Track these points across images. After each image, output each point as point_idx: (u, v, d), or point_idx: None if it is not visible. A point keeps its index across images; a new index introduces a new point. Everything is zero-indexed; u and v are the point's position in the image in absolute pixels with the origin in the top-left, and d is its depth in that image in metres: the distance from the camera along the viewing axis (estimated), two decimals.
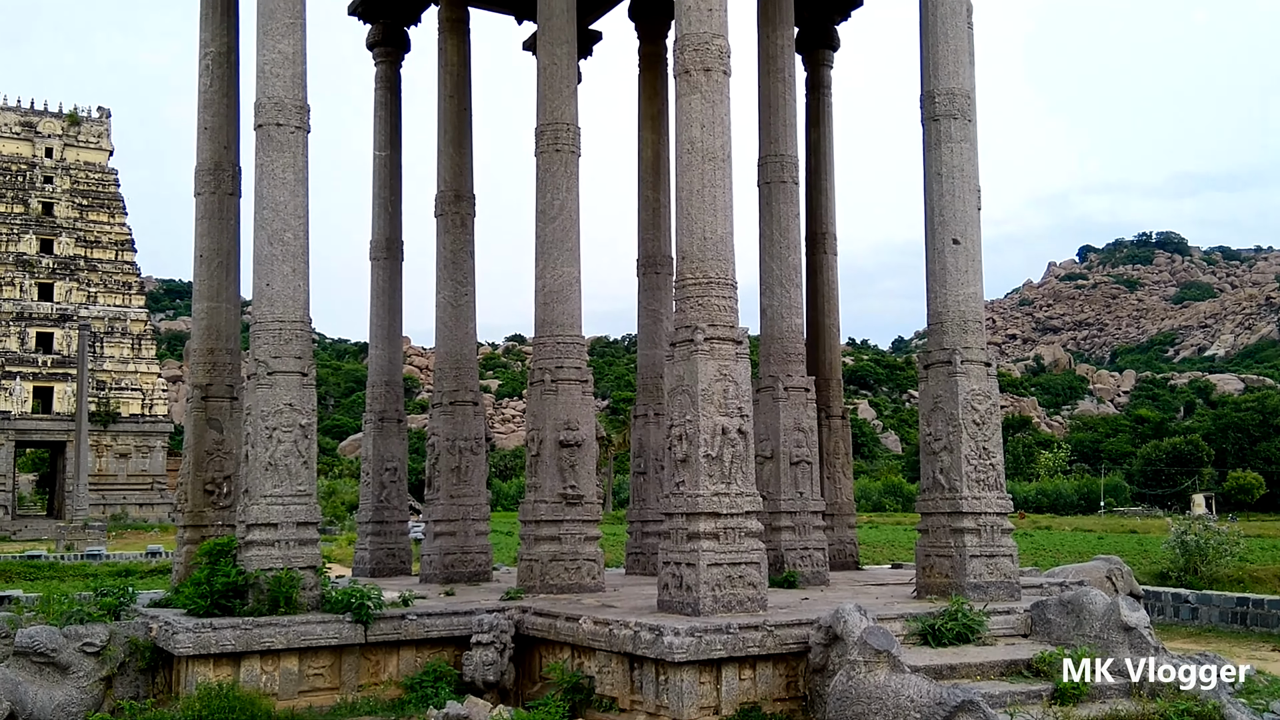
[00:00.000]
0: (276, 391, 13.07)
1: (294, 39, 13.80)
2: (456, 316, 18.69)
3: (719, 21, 12.79)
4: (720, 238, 12.54)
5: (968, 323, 14.16)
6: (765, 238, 17.33)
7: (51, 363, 67.74)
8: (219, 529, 15.11)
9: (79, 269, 69.87)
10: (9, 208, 69.47)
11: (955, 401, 13.80)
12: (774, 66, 17.47)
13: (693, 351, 12.20)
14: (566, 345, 15.41)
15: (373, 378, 20.46)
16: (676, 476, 12.25)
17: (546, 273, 15.55)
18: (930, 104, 14.61)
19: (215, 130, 16.27)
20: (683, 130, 12.78)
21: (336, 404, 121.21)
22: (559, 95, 15.80)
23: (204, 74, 16.31)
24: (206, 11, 16.39)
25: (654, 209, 20.17)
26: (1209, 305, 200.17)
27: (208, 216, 16.16)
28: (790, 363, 16.88)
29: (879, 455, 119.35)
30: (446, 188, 18.95)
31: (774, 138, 17.42)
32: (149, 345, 72.56)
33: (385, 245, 20.41)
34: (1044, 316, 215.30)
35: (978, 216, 14.81)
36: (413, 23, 21.16)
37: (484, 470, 18.74)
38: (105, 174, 73.47)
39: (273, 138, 13.56)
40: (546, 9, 15.94)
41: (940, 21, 14.59)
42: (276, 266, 13.42)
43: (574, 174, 15.81)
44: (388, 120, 20.71)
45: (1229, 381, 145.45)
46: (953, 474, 13.77)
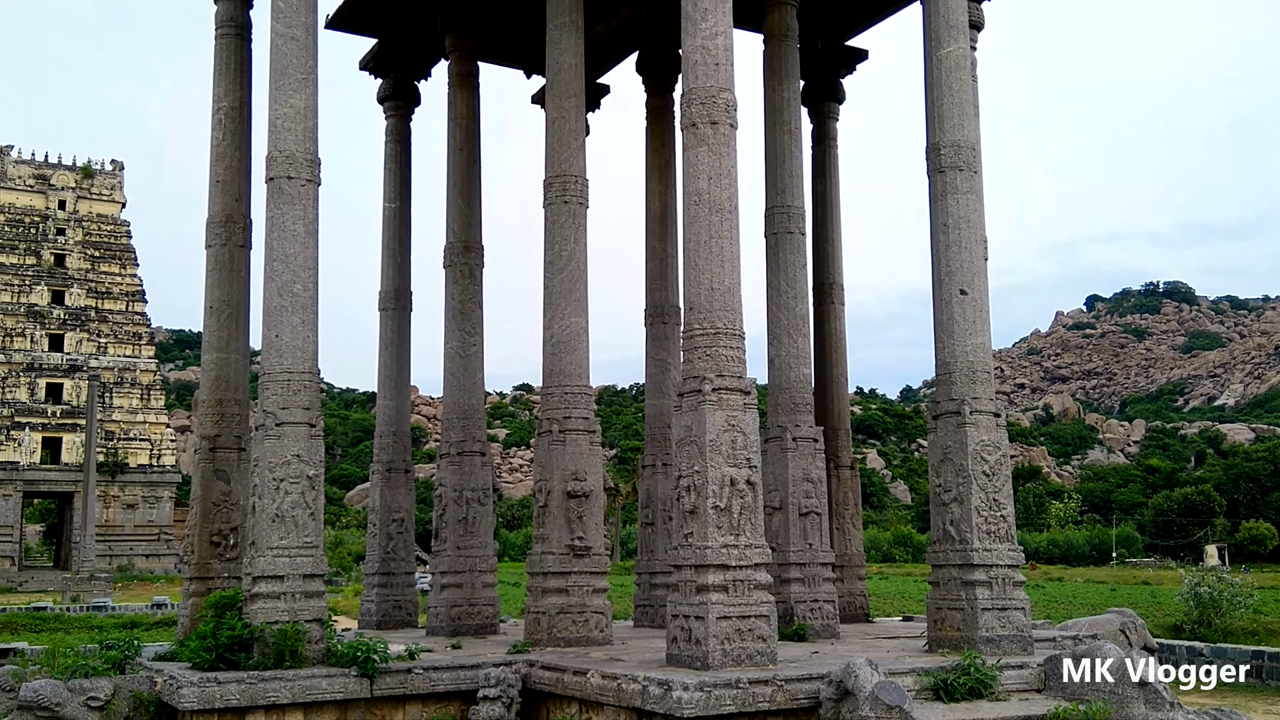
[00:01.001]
0: (284, 443, 13.06)
1: (306, 94, 13.96)
2: (464, 367, 18.72)
3: (725, 76, 12.92)
4: (727, 288, 12.58)
5: (976, 373, 14.13)
6: (772, 288, 17.37)
7: (61, 413, 67.88)
8: (225, 581, 15.03)
9: (89, 320, 70.23)
10: (21, 259, 70.00)
11: (965, 452, 13.73)
12: (780, 119, 17.61)
13: (700, 402, 12.19)
14: (574, 395, 15.41)
15: (380, 428, 20.45)
16: (685, 528, 12.19)
17: (554, 323, 15.59)
18: (936, 156, 14.70)
19: (227, 183, 16.42)
20: (690, 182, 12.87)
21: (344, 453, 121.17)
22: (567, 148, 15.93)
23: (216, 128, 16.50)
24: (220, 67, 16.60)
25: (661, 259, 20.26)
26: (1218, 354, 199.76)
27: (218, 268, 16.26)
28: (798, 413, 16.85)
29: (888, 505, 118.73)
30: (455, 239, 19.06)
31: (780, 189, 17.52)
32: (158, 395, 72.72)
33: (394, 296, 20.50)
34: (1052, 366, 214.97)
35: (984, 267, 14.84)
36: (423, 77, 21.43)
37: (491, 521, 18.66)
38: (117, 225, 74.09)
39: (284, 191, 13.68)
40: (555, 64, 16.13)
41: (945, 75, 14.72)
42: (285, 318, 13.48)
43: (582, 225, 15.90)
44: (397, 172, 20.89)
45: (1239, 431, 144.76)
46: (963, 525, 13.67)
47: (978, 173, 14.79)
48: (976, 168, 14.77)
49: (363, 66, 21.75)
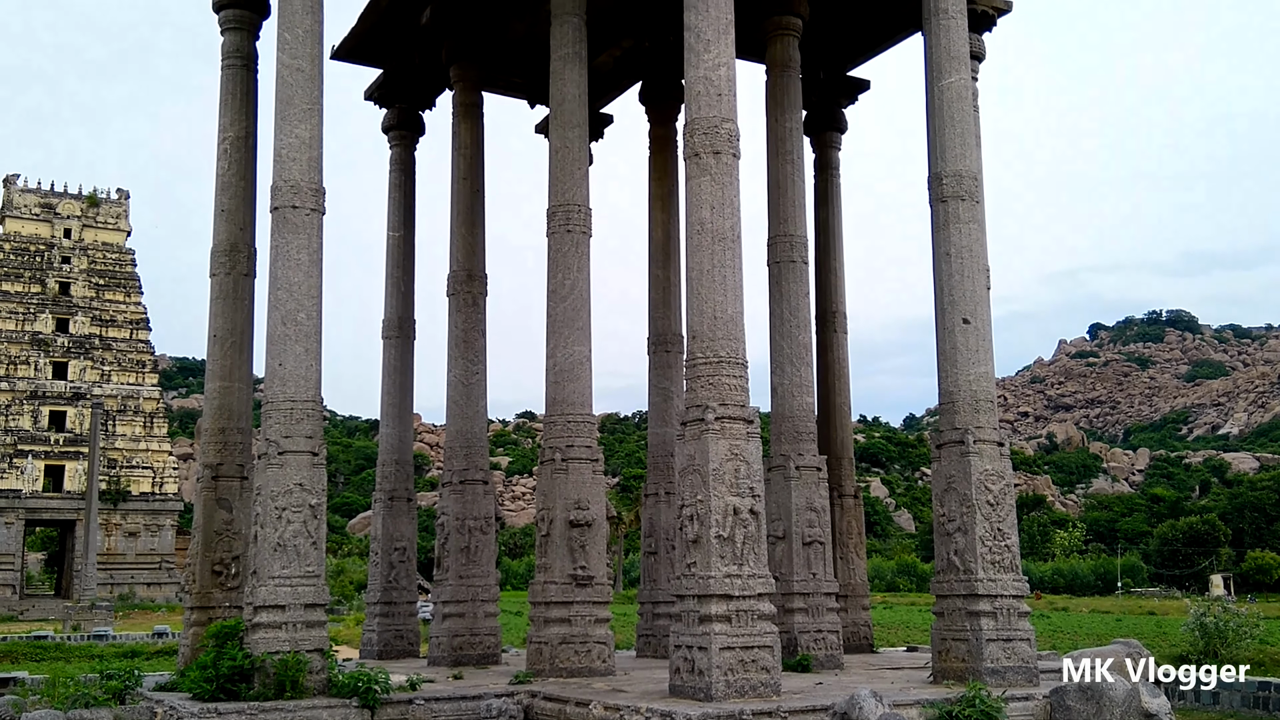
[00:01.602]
0: (287, 471, 13.05)
1: (311, 124, 14.04)
2: (467, 395, 18.72)
3: (728, 106, 12.99)
4: (730, 317, 12.60)
5: (979, 402, 14.12)
6: (775, 316, 17.40)
7: (63, 441, 67.86)
8: (226, 610, 14.98)
9: (94, 348, 70.34)
10: (26, 287, 70.22)
11: (969, 482, 13.70)
12: (782, 149, 17.68)
13: (703, 431, 12.18)
14: (577, 424, 15.40)
15: (383, 456, 20.44)
16: (688, 557, 12.15)
17: (557, 351, 15.61)
18: (938, 185, 14.75)
19: (232, 212, 16.49)
20: (693, 211, 12.92)
21: (346, 481, 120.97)
22: (570, 177, 16.00)
23: (222, 158, 16.58)
24: (226, 98, 16.71)
25: (664, 288, 20.30)
26: (1221, 383, 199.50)
27: (222, 297, 16.30)
28: (802, 441, 16.83)
29: (892, 534, 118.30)
30: (459, 268, 19.11)
31: (783, 218, 17.57)
32: (161, 423, 72.71)
33: (397, 324, 20.54)
34: (1056, 394, 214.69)
35: (987, 296, 14.86)
36: (428, 107, 21.56)
37: (493, 550, 18.61)
38: (122, 254, 74.34)
39: (288, 220, 13.73)
40: (558, 94, 16.22)
41: (946, 105, 14.80)
42: (289, 346, 13.50)
43: (585, 254, 15.95)
44: (401, 201, 20.98)
45: (1244, 460, 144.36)
46: (967, 555, 13.62)
47: (979, 202, 14.84)
48: (978, 197, 14.82)
49: (368, 97, 21.90)
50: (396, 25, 20.23)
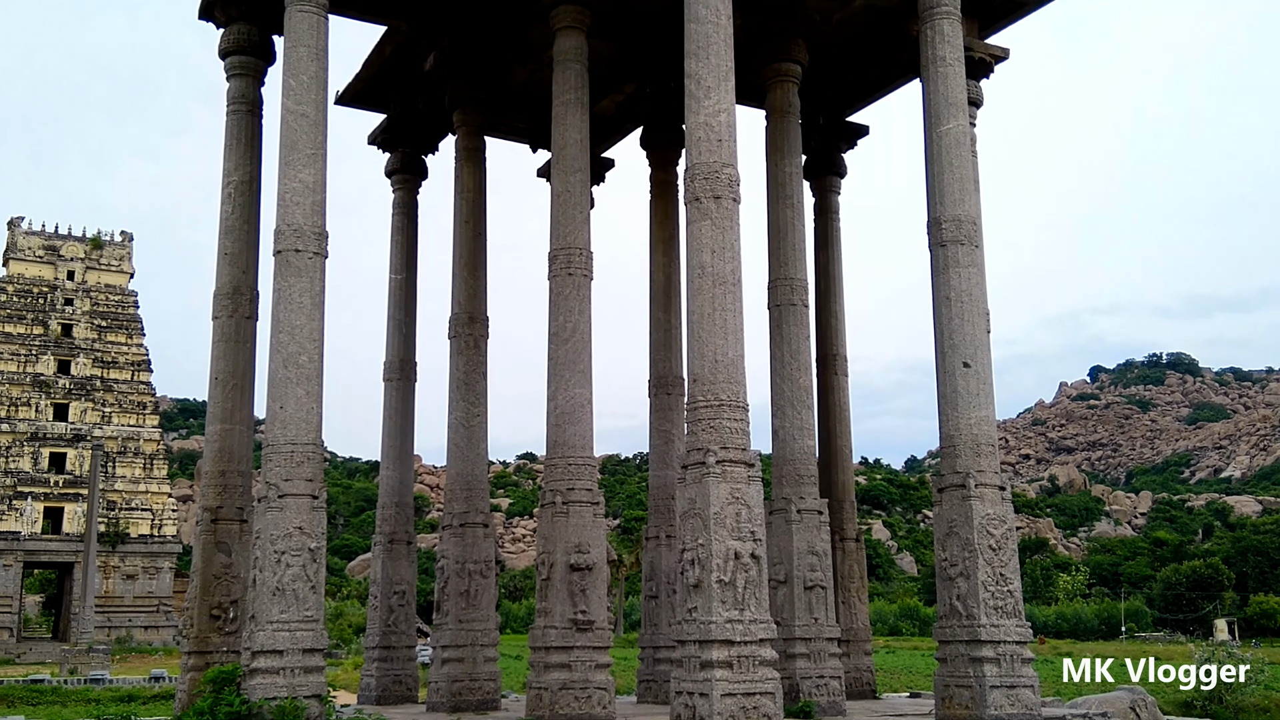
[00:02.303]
0: (286, 514, 13.02)
1: (315, 168, 14.16)
2: (468, 437, 18.71)
3: (728, 151, 13.10)
4: (731, 360, 12.62)
5: (980, 446, 14.12)
6: (776, 359, 17.42)
7: (63, 483, 67.68)
8: (224, 655, 14.88)
9: (95, 389, 70.37)
10: (29, 329, 70.37)
11: (970, 526, 13.67)
12: (783, 193, 17.80)
13: (705, 474, 12.16)
14: (578, 467, 15.37)
15: (383, 499, 20.39)
16: (689, 602, 12.09)
17: (558, 394, 15.62)
18: (937, 230, 14.84)
19: (235, 255, 16.57)
20: (694, 255, 12.98)
21: (346, 523, 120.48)
22: (572, 220, 16.09)
23: (226, 201, 16.69)
24: (231, 142, 16.85)
25: (665, 330, 20.34)
26: (1223, 426, 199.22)
27: (224, 339, 16.34)
28: (803, 484, 16.79)
29: (894, 577, 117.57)
30: (460, 310, 19.17)
31: (783, 261, 17.65)
32: (161, 465, 72.57)
33: (399, 366, 20.57)
34: (1057, 436, 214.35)
35: (987, 339, 14.90)
36: (431, 151, 21.72)
37: (493, 594, 18.51)
38: (125, 296, 74.56)
39: (291, 263, 13.81)
40: (560, 139, 16.35)
41: (945, 151, 14.92)
42: (290, 389, 13.52)
43: (586, 297, 16.00)
44: (404, 244, 21.09)
45: (1246, 504, 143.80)
46: (970, 601, 13.56)
47: (979, 247, 14.92)
48: (978, 242, 14.90)
49: (371, 141, 22.08)
50: (400, 71, 20.44)
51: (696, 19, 13.32)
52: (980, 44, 19.00)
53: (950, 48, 15.13)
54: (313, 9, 14.46)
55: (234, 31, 17.11)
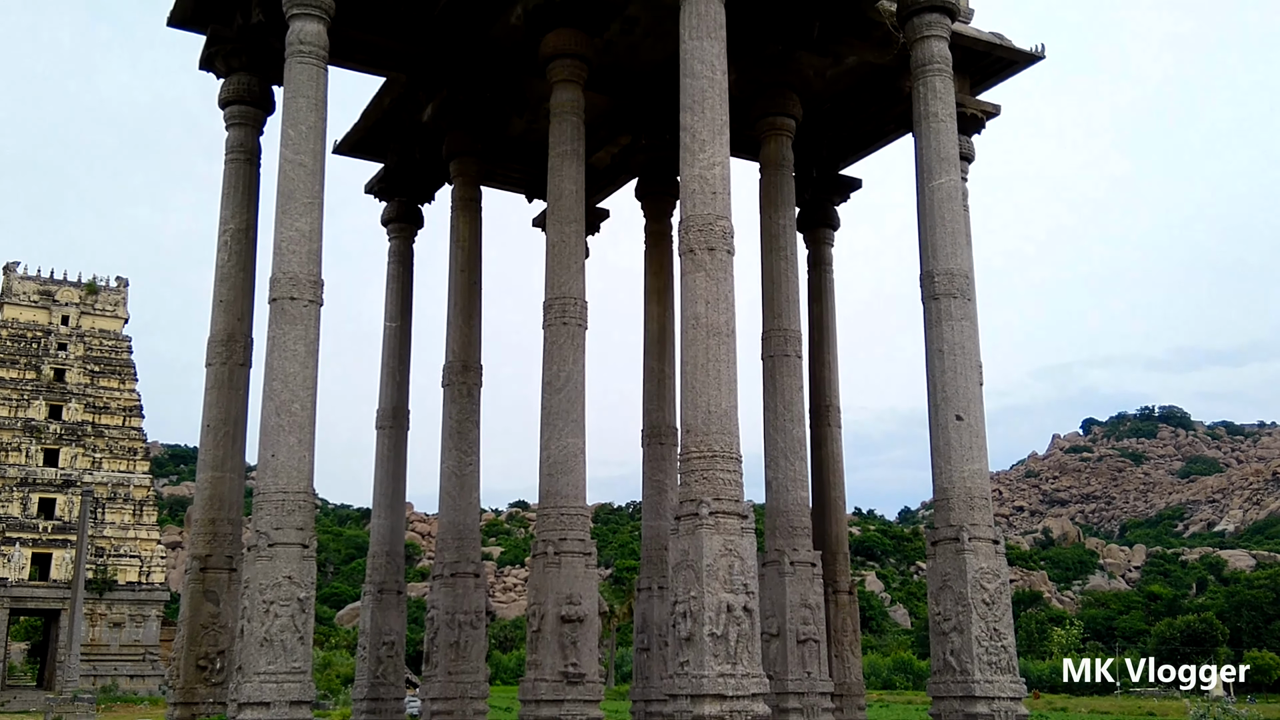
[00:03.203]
0: (276, 564, 12.94)
1: (311, 217, 14.23)
2: (460, 486, 18.64)
3: (722, 204, 13.19)
4: (724, 411, 12.62)
5: (974, 499, 14.09)
6: (769, 410, 17.42)
7: (52, 529, 67.18)
8: (210, 706, 14.72)
9: (86, 434, 70.07)
10: (21, 374, 70.19)
11: (964, 580, 13.61)
12: (776, 245, 17.90)
13: (697, 526, 12.12)
14: (570, 517, 15.30)
15: (374, 547, 20.27)
16: (680, 655, 11.99)
17: (551, 443, 15.58)
18: (930, 283, 14.91)
19: (230, 303, 16.61)
20: (688, 306, 13.03)
21: (336, 571, 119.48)
22: (567, 270, 16.15)
23: (222, 249, 16.76)
24: (228, 191, 16.95)
25: (659, 380, 20.35)
26: (1216, 480, 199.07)
27: (217, 386, 16.33)
28: (796, 536, 16.72)
29: (888, 630, 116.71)
30: (454, 358, 19.18)
31: (777, 312, 17.71)
32: (150, 511, 72.10)
33: (392, 414, 20.54)
34: (1050, 489, 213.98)
35: (980, 392, 14.94)
36: (427, 201, 21.88)
37: (483, 645, 18.37)
38: (119, 341, 74.50)
39: (286, 311, 13.83)
40: (556, 189, 16.46)
41: (937, 205, 15.04)
42: (282, 437, 13.49)
43: (580, 346, 16.02)
44: (399, 292, 21.16)
45: (1240, 558, 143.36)
46: (964, 656, 13.46)
47: (971, 300, 15.00)
48: (970, 295, 14.98)
49: (368, 190, 22.22)
50: (399, 121, 20.63)
51: (692, 74, 13.48)
52: (972, 100, 19.27)
53: (942, 104, 15.30)
54: (313, 61, 14.61)
55: (234, 82, 17.29)
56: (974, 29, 18.87)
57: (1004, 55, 19.20)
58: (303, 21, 14.63)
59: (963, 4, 17.43)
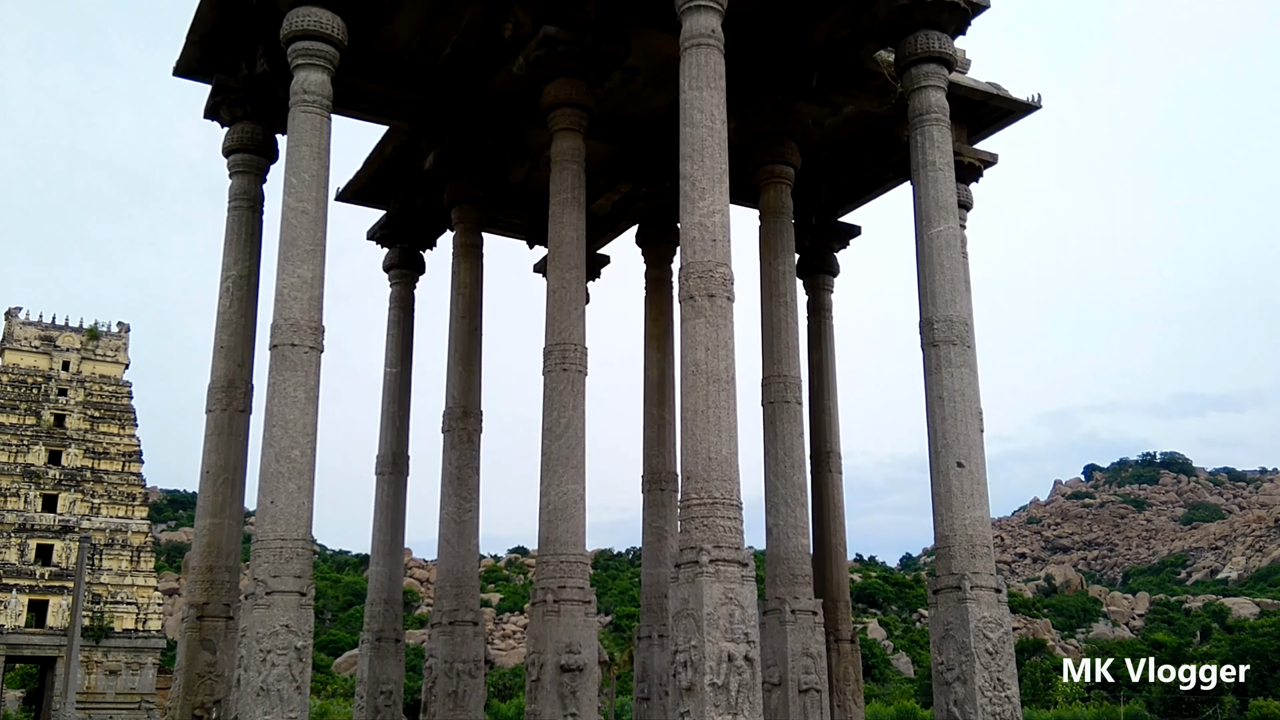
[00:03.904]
0: (273, 612, 12.86)
1: (313, 264, 14.29)
2: (459, 533, 18.57)
3: (722, 251, 13.25)
4: (725, 458, 12.59)
5: (976, 547, 14.01)
6: (770, 457, 17.38)
7: (49, 575, 66.80)
8: None
9: (85, 480, 69.89)
10: (21, 419, 70.14)
11: (966, 630, 13.50)
12: (776, 291, 17.96)
13: (698, 574, 12.05)
14: (569, 565, 15.21)
15: (372, 595, 20.15)
16: (681, 705, 11.88)
17: (551, 490, 15.52)
18: (929, 330, 14.94)
19: (231, 349, 16.64)
20: (688, 352, 13.05)
21: (334, 618, 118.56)
22: (567, 316, 16.18)
23: (224, 295, 16.82)
24: (231, 237, 17.04)
25: (659, 426, 20.34)
26: (1218, 527, 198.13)
27: (217, 433, 16.32)
28: (797, 584, 16.61)
29: (890, 678, 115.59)
30: (454, 404, 19.18)
31: (777, 359, 17.72)
32: (148, 558, 71.73)
33: (391, 460, 20.51)
34: (1053, 535, 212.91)
35: (980, 439, 14.92)
36: (428, 247, 21.99)
37: (482, 694, 18.21)
38: (119, 386, 74.51)
39: (286, 358, 13.85)
40: (557, 236, 16.54)
41: (936, 252, 15.10)
42: (282, 484, 13.46)
43: (580, 392, 16.01)
44: (400, 338, 21.21)
45: (1244, 605, 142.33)
46: (967, 706, 13.33)
47: (970, 347, 15.02)
48: (969, 342, 15.00)
49: (370, 237, 22.35)
50: (401, 169, 20.80)
51: (691, 123, 13.60)
52: (969, 149, 19.45)
53: (940, 153, 15.40)
54: (316, 110, 14.74)
55: (238, 130, 17.44)
56: (971, 79, 19.09)
57: (1001, 105, 19.40)
58: (307, 71, 14.79)
59: (959, 55, 17.63)
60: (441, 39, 17.73)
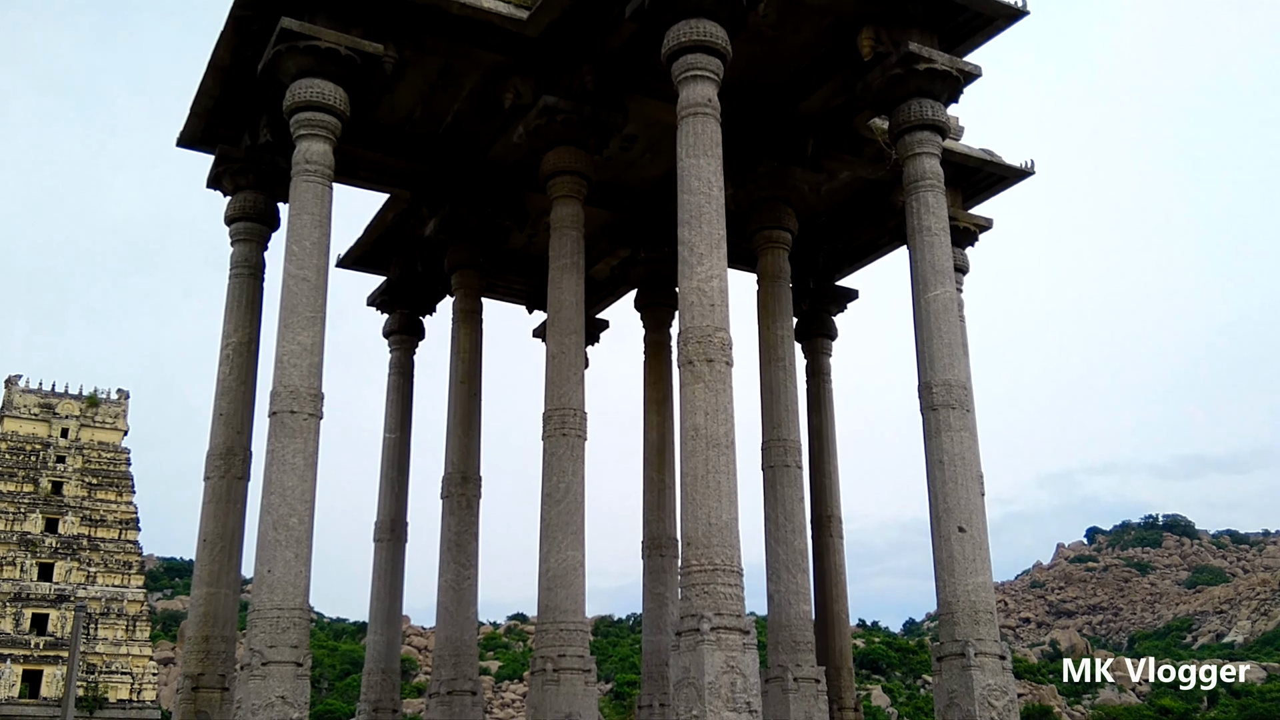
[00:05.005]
0: (269, 683, 12.71)
1: (313, 331, 14.34)
2: (458, 600, 18.40)
3: (720, 316, 13.32)
4: (725, 524, 12.54)
5: (979, 613, 13.89)
6: (770, 521, 17.29)
7: (44, 645, 66.06)
8: None
9: (81, 548, 69.40)
10: (19, 486, 69.84)
11: (971, 698, 13.34)
12: (774, 355, 18.00)
13: (699, 642, 11.94)
14: (569, 633, 15.06)
15: (369, 664, 19.92)
16: None
17: (550, 556, 15.42)
18: (928, 394, 14.95)
19: (230, 416, 16.63)
20: (687, 417, 13.06)
21: (330, 687, 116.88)
22: (566, 381, 16.19)
23: (224, 362, 16.85)
24: (232, 304, 17.12)
25: (659, 490, 20.28)
26: (1223, 590, 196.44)
27: (215, 500, 16.25)
28: (799, 651, 16.44)
29: None
30: (454, 470, 19.12)
31: (776, 422, 17.70)
32: (143, 627, 71.01)
33: (390, 526, 20.40)
34: (1056, 599, 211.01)
35: (981, 503, 14.86)
36: (428, 313, 22.08)
37: None
38: (118, 453, 74.31)
39: (285, 424, 13.84)
40: (556, 301, 16.62)
41: (933, 317, 15.16)
42: (279, 552, 13.37)
43: (579, 458, 15.97)
44: (399, 403, 21.21)
45: (1251, 670, 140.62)
46: None
47: (970, 410, 15.02)
48: (968, 405, 15.01)
49: (370, 303, 22.45)
50: (401, 236, 20.97)
51: (689, 190, 13.74)
52: (964, 214, 19.64)
53: (935, 218, 15.54)
54: (318, 179, 14.88)
55: (240, 199, 17.61)
56: (965, 145, 19.34)
57: (994, 171, 19.63)
58: (309, 141, 14.96)
59: (953, 122, 17.87)
60: (443, 108, 17.98)
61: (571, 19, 15.50)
